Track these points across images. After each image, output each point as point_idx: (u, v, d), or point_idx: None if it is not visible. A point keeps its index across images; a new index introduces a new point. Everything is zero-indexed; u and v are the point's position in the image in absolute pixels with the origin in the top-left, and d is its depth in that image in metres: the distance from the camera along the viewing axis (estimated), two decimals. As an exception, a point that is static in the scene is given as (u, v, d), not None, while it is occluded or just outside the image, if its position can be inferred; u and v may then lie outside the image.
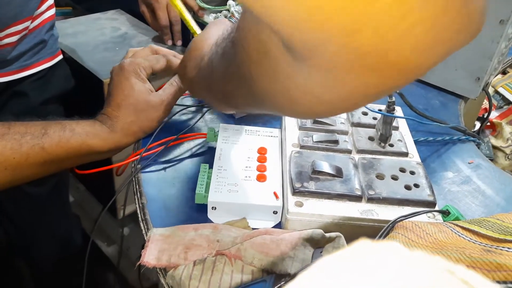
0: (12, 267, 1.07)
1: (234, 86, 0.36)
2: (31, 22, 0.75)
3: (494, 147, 1.07)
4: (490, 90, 1.15)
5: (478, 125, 1.03)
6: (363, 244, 0.14)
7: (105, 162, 0.56)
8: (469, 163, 0.61)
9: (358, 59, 0.22)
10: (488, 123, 1.11)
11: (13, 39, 0.72)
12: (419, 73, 0.23)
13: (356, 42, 0.21)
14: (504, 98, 1.18)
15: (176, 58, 0.60)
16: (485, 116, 0.96)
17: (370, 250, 0.14)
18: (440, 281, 0.12)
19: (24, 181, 0.52)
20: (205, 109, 0.64)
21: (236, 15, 0.66)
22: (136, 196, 0.53)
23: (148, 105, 0.56)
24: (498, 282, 0.27)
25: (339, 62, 0.23)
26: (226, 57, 0.36)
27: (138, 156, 0.55)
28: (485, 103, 1.05)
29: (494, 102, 1.15)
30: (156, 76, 0.60)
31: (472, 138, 0.66)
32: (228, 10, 0.66)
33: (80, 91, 0.89)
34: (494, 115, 1.14)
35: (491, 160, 0.94)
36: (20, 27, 0.72)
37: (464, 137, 0.65)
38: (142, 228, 0.48)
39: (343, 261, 0.14)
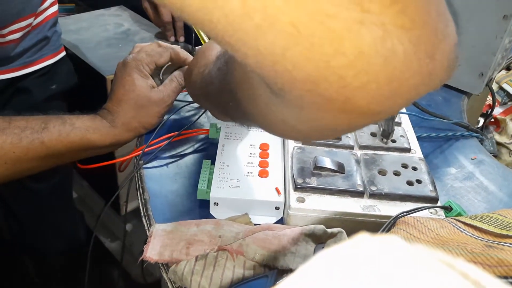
0: (18, 263, 1.08)
1: (227, 100, 0.37)
2: (34, 19, 0.75)
3: (498, 144, 1.07)
4: (494, 86, 1.14)
5: (481, 121, 1.03)
6: (362, 237, 0.14)
7: (107, 157, 0.56)
8: (472, 159, 0.61)
9: (324, 102, 0.23)
10: (492, 119, 1.10)
11: (17, 35, 0.72)
12: (384, 117, 0.25)
13: (321, 89, 0.22)
14: (508, 94, 1.18)
15: (180, 51, 0.60)
16: (488, 112, 0.96)
17: (370, 244, 0.14)
18: (439, 274, 0.12)
19: (24, 174, 0.52)
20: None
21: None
22: (138, 192, 0.53)
23: (149, 101, 0.56)
24: (499, 277, 0.27)
25: (307, 103, 0.24)
26: (220, 72, 0.38)
27: (141, 152, 0.56)
28: (489, 99, 1.05)
29: (498, 98, 1.15)
30: (166, 70, 0.61)
31: (475, 134, 0.65)
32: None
33: (83, 88, 0.89)
34: (498, 111, 1.13)
35: (495, 156, 0.94)
36: (23, 23, 0.72)
37: (467, 133, 0.65)
38: (145, 223, 0.49)
39: (342, 254, 0.14)
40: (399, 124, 0.58)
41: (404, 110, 0.61)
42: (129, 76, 0.56)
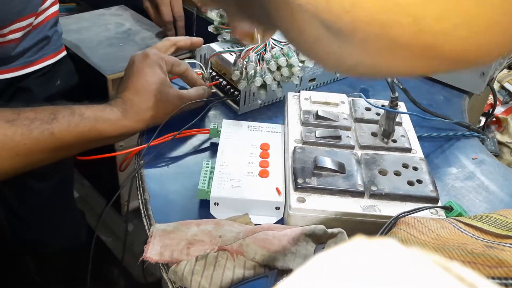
0: (19, 262, 1.08)
1: (254, 10, 0.31)
2: (35, 19, 0.75)
3: (500, 143, 1.06)
4: (496, 86, 1.14)
5: (483, 120, 1.02)
6: (359, 241, 0.14)
7: (107, 150, 0.56)
8: (473, 158, 0.61)
9: (397, 48, 0.18)
10: (494, 119, 1.10)
11: (17, 35, 0.72)
12: (477, 65, 0.20)
13: (392, 34, 0.17)
14: (510, 93, 1.18)
15: (196, 76, 0.63)
16: (490, 112, 0.95)
17: (366, 247, 0.14)
18: (435, 278, 0.12)
19: (35, 166, 0.52)
20: (208, 105, 0.64)
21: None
22: (139, 192, 0.53)
23: (167, 97, 0.57)
24: (499, 278, 0.27)
25: (374, 47, 0.19)
26: None
27: (142, 147, 0.56)
28: (491, 98, 1.05)
29: (500, 97, 1.14)
30: None
31: (476, 134, 0.65)
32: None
33: (84, 87, 0.89)
34: (500, 110, 1.13)
35: (497, 156, 0.93)
36: (24, 23, 0.72)
37: (468, 133, 0.65)
38: (145, 223, 0.49)
39: (340, 257, 0.14)
40: (399, 124, 0.58)
41: (405, 109, 0.61)
42: (150, 68, 0.56)
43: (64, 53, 0.85)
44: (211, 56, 0.68)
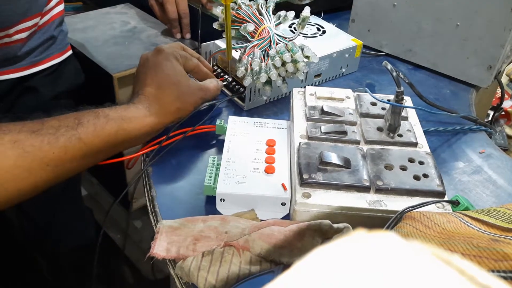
0: (29, 260, 1.09)
1: None
2: (41, 18, 0.75)
3: (509, 137, 1.05)
4: (505, 79, 1.13)
5: (492, 114, 1.02)
6: (359, 234, 0.14)
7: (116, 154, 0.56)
8: (480, 152, 0.61)
9: None
10: (503, 112, 1.09)
11: (23, 35, 0.73)
12: None
13: None
14: (518, 86, 1.16)
15: (207, 70, 0.63)
16: (498, 105, 0.95)
17: (366, 240, 0.14)
18: (436, 271, 0.12)
19: (66, 177, 0.50)
20: (215, 106, 0.64)
21: (243, 6, 0.66)
22: (145, 189, 0.53)
23: (188, 88, 0.56)
24: (504, 271, 0.27)
25: None
26: None
27: (154, 147, 0.56)
28: (499, 92, 1.04)
29: (509, 90, 1.13)
30: None
31: (483, 128, 0.65)
32: (235, 2, 0.66)
33: (90, 86, 0.90)
34: (509, 104, 1.12)
35: (506, 150, 0.93)
36: (29, 23, 0.72)
37: (475, 127, 0.65)
38: (152, 220, 0.49)
39: (338, 251, 0.14)
40: (405, 118, 0.57)
41: (411, 104, 0.61)
42: (168, 61, 0.56)
43: (70, 52, 0.85)
44: (215, 53, 0.68)
